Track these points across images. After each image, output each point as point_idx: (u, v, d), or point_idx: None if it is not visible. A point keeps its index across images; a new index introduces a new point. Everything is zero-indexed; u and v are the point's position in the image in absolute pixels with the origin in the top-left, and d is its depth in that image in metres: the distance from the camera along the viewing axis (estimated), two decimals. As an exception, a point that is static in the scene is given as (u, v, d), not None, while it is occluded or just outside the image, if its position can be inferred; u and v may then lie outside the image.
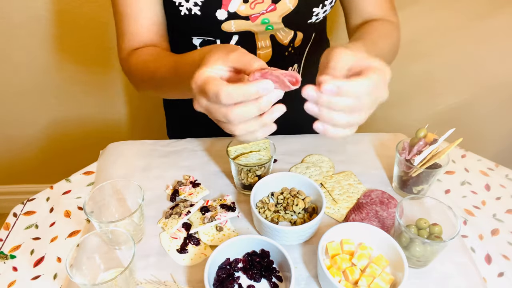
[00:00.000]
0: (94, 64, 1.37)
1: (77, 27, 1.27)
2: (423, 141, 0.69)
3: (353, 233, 0.61)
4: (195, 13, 0.68)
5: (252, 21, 0.69)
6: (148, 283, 0.59)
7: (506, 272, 0.63)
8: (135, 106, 1.51)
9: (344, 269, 0.57)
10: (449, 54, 1.38)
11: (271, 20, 0.70)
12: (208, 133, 0.85)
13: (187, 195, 0.71)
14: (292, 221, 0.67)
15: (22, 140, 1.57)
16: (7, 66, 1.35)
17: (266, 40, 0.74)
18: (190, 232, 0.65)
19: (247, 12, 0.68)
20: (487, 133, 1.59)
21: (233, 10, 0.68)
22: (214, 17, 0.68)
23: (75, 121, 1.53)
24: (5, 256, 0.64)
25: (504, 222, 0.71)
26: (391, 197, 0.70)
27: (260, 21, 0.70)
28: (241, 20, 0.69)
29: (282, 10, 0.69)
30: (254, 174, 0.70)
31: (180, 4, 0.68)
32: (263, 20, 0.70)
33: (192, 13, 0.68)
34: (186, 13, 0.68)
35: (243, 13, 0.68)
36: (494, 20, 1.29)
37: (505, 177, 0.80)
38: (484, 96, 1.48)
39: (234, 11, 0.68)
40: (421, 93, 1.49)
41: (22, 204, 0.73)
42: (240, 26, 0.70)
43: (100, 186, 0.63)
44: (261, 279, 0.59)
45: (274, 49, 0.76)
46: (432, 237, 0.60)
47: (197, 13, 0.68)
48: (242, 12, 0.68)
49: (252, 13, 0.68)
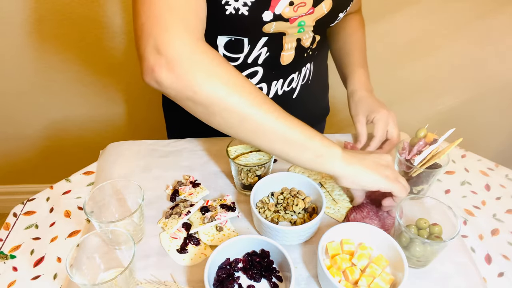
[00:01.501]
0: (94, 64, 1.37)
1: (77, 27, 1.27)
2: (423, 141, 0.69)
3: (353, 233, 0.61)
4: (242, 13, 0.64)
5: (290, 22, 0.68)
6: (148, 283, 0.59)
7: (506, 272, 0.63)
8: (135, 106, 1.51)
9: (344, 269, 0.57)
10: (449, 54, 1.38)
11: (306, 23, 0.70)
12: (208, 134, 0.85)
13: (187, 195, 0.71)
14: (292, 221, 0.67)
15: (22, 140, 1.57)
16: (7, 66, 1.35)
17: (292, 42, 0.74)
18: (190, 232, 0.65)
19: (290, 15, 0.67)
20: (487, 133, 1.59)
21: (279, 12, 0.66)
22: (260, 18, 0.66)
23: (75, 121, 1.53)
24: (5, 256, 0.64)
25: (504, 222, 0.71)
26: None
27: (297, 23, 0.69)
28: (282, 22, 0.68)
29: (318, 13, 0.70)
30: (254, 174, 0.70)
31: (227, 2, 0.63)
32: (299, 22, 0.69)
33: (239, 13, 0.64)
34: (232, 12, 0.64)
35: (287, 15, 0.67)
36: (494, 20, 1.29)
37: (505, 177, 0.80)
38: (484, 96, 1.48)
39: (279, 13, 0.66)
40: (421, 93, 1.49)
41: (22, 204, 0.73)
42: (279, 27, 0.69)
43: (100, 186, 0.63)
44: (261, 279, 0.59)
45: (296, 51, 0.76)
46: (432, 237, 0.60)
47: (244, 13, 0.64)
48: (286, 14, 0.67)
49: (293, 15, 0.67)
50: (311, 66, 0.84)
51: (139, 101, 1.50)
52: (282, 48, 0.74)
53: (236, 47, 0.73)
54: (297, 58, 0.78)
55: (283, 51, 0.75)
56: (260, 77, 0.77)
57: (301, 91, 0.83)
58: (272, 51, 0.74)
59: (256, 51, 0.73)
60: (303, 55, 0.78)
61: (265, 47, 0.73)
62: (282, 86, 0.80)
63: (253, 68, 0.76)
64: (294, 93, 0.82)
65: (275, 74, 0.78)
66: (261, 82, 0.78)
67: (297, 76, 0.81)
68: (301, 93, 0.84)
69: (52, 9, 1.24)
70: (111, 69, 1.39)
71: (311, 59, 0.82)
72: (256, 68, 0.76)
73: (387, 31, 1.32)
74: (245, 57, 0.74)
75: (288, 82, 0.80)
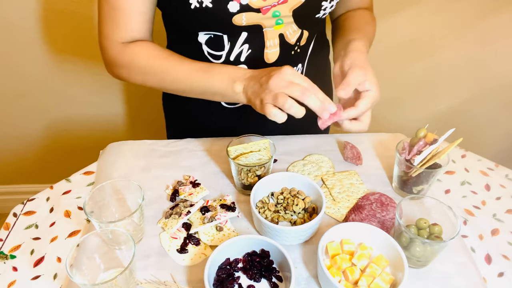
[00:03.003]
0: (94, 64, 1.37)
1: (77, 27, 1.27)
2: (423, 141, 0.69)
3: (353, 233, 0.61)
4: (206, 5, 0.66)
5: (263, 13, 0.68)
6: (148, 283, 0.59)
7: (506, 272, 0.63)
8: (135, 106, 1.51)
9: (344, 269, 0.57)
10: (449, 54, 1.38)
11: (281, 13, 0.69)
12: (208, 134, 0.85)
13: (187, 195, 0.71)
14: (292, 221, 0.67)
15: (22, 140, 1.57)
16: (7, 66, 1.35)
17: (275, 39, 0.73)
18: (190, 232, 0.65)
19: (259, 4, 0.67)
20: (487, 133, 1.59)
21: (245, 2, 0.66)
22: (226, 9, 0.66)
23: (75, 121, 1.53)
24: (5, 256, 0.64)
25: (504, 222, 0.71)
26: (390, 198, 0.70)
27: (271, 14, 0.69)
28: (252, 12, 0.67)
29: (292, 2, 0.69)
30: (254, 174, 0.70)
31: None
32: (274, 13, 0.68)
33: (203, 5, 0.66)
34: (197, 6, 0.66)
35: (255, 5, 0.67)
36: (494, 20, 1.29)
37: (505, 177, 0.80)
38: (484, 96, 1.48)
39: (246, 3, 0.66)
40: (421, 93, 1.49)
41: (22, 204, 0.73)
42: (250, 19, 0.68)
43: (100, 186, 0.63)
44: (261, 279, 0.59)
45: (281, 48, 0.75)
46: (432, 237, 0.60)
47: (209, 6, 0.66)
48: (254, 4, 0.67)
49: (264, 5, 0.67)
50: (303, 67, 0.82)
51: (139, 101, 1.50)
52: (264, 45, 0.73)
53: (217, 44, 0.73)
54: (284, 56, 0.76)
55: (266, 49, 0.74)
56: None
57: None
58: (254, 48, 0.73)
59: (237, 48, 0.73)
60: (290, 53, 0.77)
61: (246, 43, 0.72)
62: None
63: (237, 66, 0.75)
64: None
65: None
66: None
67: None
68: None
69: (52, 9, 1.24)
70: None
71: (301, 59, 0.80)
72: (240, 66, 0.75)
73: (387, 31, 1.32)
74: (227, 55, 0.74)
75: None
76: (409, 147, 0.70)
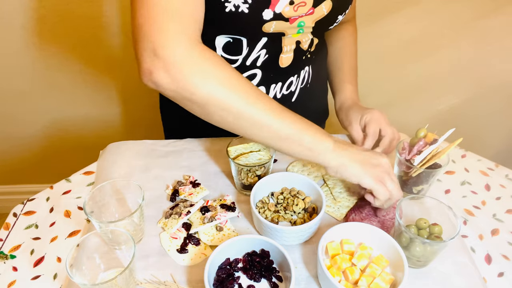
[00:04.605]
0: (94, 64, 1.38)
1: (77, 27, 1.27)
2: (423, 141, 0.69)
3: (353, 233, 0.61)
4: (242, 10, 0.64)
5: (290, 23, 0.68)
6: (148, 283, 0.59)
7: (506, 272, 0.63)
8: (135, 106, 1.51)
9: (344, 269, 0.57)
10: (449, 54, 1.38)
11: (306, 24, 0.70)
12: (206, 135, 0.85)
13: (187, 195, 0.71)
14: (292, 221, 0.67)
15: (22, 140, 1.57)
16: (7, 66, 1.35)
17: (292, 44, 0.74)
18: (190, 232, 0.65)
19: (290, 14, 0.67)
20: (487, 133, 1.59)
21: (279, 11, 0.66)
22: (260, 17, 0.65)
23: (75, 121, 1.53)
24: (5, 256, 0.64)
25: (504, 222, 0.71)
26: None
27: (297, 24, 0.69)
28: (282, 21, 0.67)
29: (317, 14, 0.70)
30: (254, 174, 0.70)
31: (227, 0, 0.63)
32: (299, 23, 0.69)
33: (239, 10, 0.63)
34: (232, 10, 0.63)
35: (287, 14, 0.67)
36: (494, 20, 1.29)
37: (505, 177, 0.80)
38: (484, 96, 1.48)
39: (279, 12, 0.66)
40: (421, 93, 1.49)
41: (22, 204, 0.73)
42: (278, 27, 0.68)
43: (100, 186, 0.63)
44: (261, 279, 0.59)
45: (295, 53, 0.76)
46: (432, 237, 0.60)
47: (244, 11, 0.64)
48: (286, 13, 0.66)
49: (294, 15, 0.67)
50: (309, 70, 0.83)
51: (139, 101, 1.50)
52: (281, 50, 0.74)
53: (235, 48, 0.72)
54: (296, 60, 0.77)
55: (282, 53, 0.75)
56: (259, 80, 0.77)
57: (300, 94, 0.83)
58: (271, 53, 0.74)
59: (255, 53, 0.73)
60: (302, 57, 0.78)
61: (264, 49, 0.73)
62: (281, 89, 0.80)
63: (252, 70, 0.75)
64: (293, 96, 0.82)
65: (274, 77, 0.78)
66: (260, 85, 0.77)
67: (296, 79, 0.80)
68: (301, 97, 0.83)
69: (52, 9, 1.24)
70: (111, 69, 1.39)
71: (309, 62, 0.82)
72: (254, 70, 0.75)
73: (387, 31, 1.32)
74: (244, 59, 0.74)
75: (287, 85, 0.80)
76: (409, 147, 0.70)
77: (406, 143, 0.71)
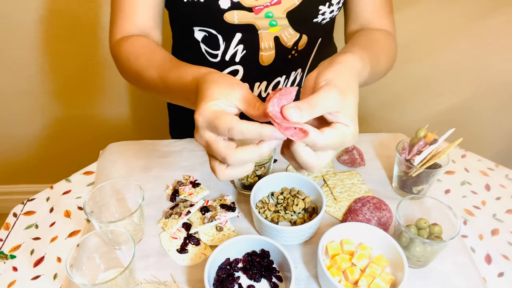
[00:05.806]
0: (94, 64, 1.37)
1: (77, 27, 1.27)
2: (423, 141, 0.69)
3: (353, 233, 0.61)
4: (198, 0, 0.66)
5: (255, 13, 0.67)
6: (148, 283, 0.59)
7: (506, 272, 0.63)
8: (136, 106, 1.51)
9: (344, 269, 0.57)
10: (449, 54, 1.38)
11: (275, 15, 0.69)
12: None
13: (187, 195, 0.71)
14: (292, 221, 0.67)
15: (22, 140, 1.57)
16: (7, 66, 1.35)
17: (269, 41, 0.72)
18: (190, 232, 0.65)
19: (250, 3, 0.66)
20: (487, 133, 1.59)
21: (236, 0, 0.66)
22: (217, 6, 0.66)
23: (75, 121, 1.53)
24: (5, 256, 0.64)
25: (504, 222, 0.71)
26: (380, 200, 0.69)
27: (264, 14, 0.68)
28: (244, 11, 0.67)
29: (286, 4, 0.68)
30: (254, 174, 0.70)
31: None
32: (266, 13, 0.68)
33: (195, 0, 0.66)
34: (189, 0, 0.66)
35: (247, 3, 0.66)
36: (494, 20, 1.29)
37: (505, 177, 0.80)
38: (484, 96, 1.48)
39: (237, 1, 0.66)
40: (421, 93, 1.49)
41: (22, 204, 0.73)
42: (243, 18, 0.68)
43: (100, 186, 0.63)
44: (261, 279, 0.59)
45: (277, 51, 0.74)
46: (432, 237, 0.60)
47: (200, 0, 0.66)
48: (246, 2, 0.66)
49: (255, 4, 0.66)
50: (304, 72, 0.81)
51: (139, 101, 1.50)
52: (259, 46, 0.73)
53: (213, 42, 0.73)
54: (280, 59, 0.76)
55: (261, 51, 0.74)
56: (241, 77, 0.76)
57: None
58: (249, 48, 0.73)
59: (232, 48, 0.73)
60: (287, 56, 0.76)
61: (240, 44, 0.72)
62: (266, 88, 0.79)
63: (233, 66, 0.75)
64: None
65: (257, 75, 0.77)
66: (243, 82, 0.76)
67: (284, 80, 0.79)
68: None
69: (52, 9, 1.24)
70: (111, 69, 1.39)
71: (302, 64, 0.79)
72: (236, 66, 0.75)
73: (387, 31, 1.32)
74: (223, 54, 0.74)
75: (273, 85, 0.79)
76: (409, 147, 0.70)
77: (406, 143, 0.71)
